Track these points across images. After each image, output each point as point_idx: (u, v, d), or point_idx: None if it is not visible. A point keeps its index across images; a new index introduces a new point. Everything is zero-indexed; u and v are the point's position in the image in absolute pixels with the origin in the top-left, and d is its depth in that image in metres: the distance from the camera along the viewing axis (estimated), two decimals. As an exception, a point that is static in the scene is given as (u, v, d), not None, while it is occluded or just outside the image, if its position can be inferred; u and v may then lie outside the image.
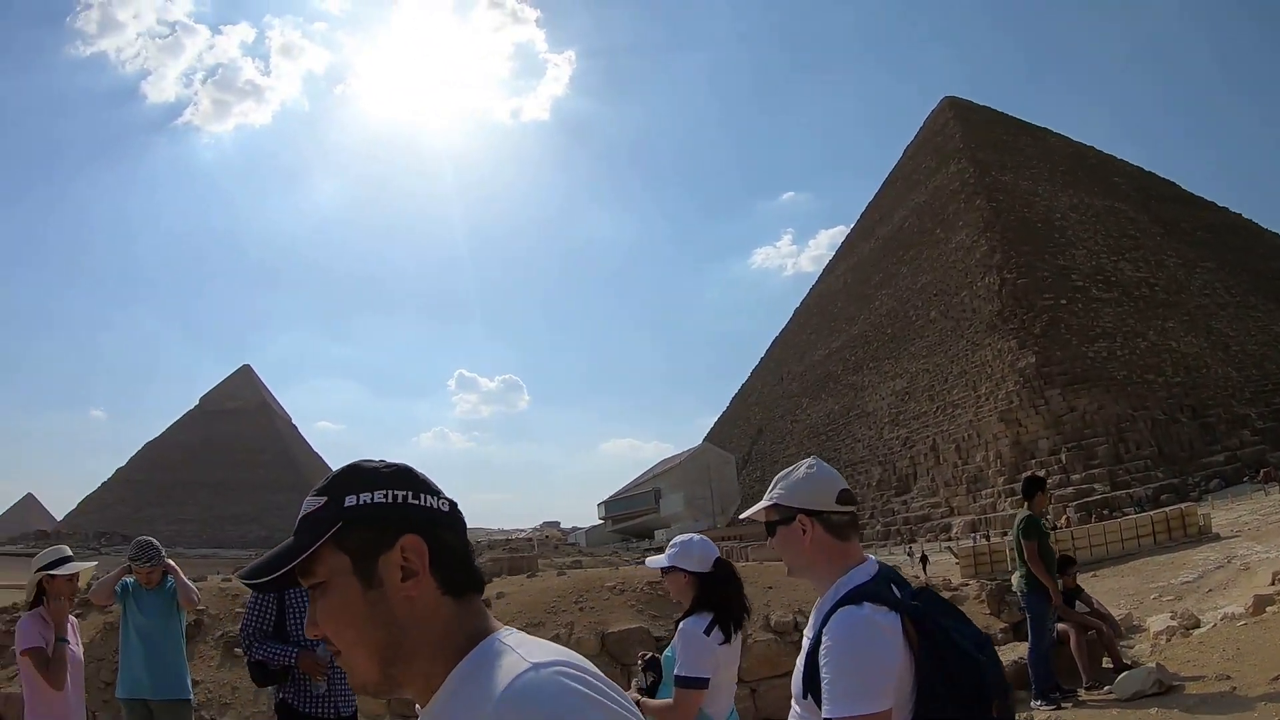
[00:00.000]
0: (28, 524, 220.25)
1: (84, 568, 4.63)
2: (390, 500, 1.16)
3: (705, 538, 3.86)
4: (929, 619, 2.01)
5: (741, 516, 2.93)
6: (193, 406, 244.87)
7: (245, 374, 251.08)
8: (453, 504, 1.24)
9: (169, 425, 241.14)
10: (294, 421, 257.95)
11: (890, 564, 2.50)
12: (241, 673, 11.76)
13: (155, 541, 5.90)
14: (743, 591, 3.67)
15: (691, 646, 3.42)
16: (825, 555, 2.25)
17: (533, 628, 11.74)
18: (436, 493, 1.22)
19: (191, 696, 5.94)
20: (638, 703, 3.28)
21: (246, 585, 1.22)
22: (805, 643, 2.19)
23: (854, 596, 2.07)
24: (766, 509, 2.37)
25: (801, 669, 2.15)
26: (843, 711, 1.93)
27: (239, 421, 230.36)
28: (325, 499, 1.18)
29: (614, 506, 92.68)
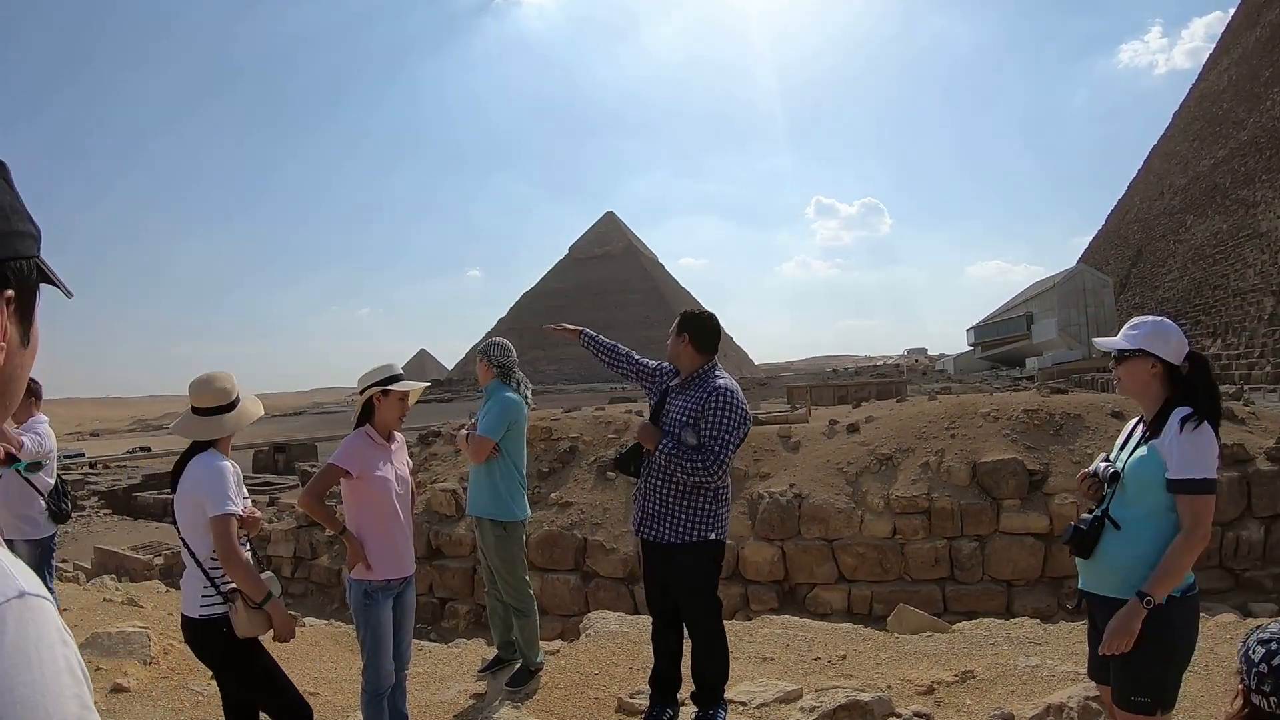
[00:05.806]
0: (424, 375, 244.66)
1: (415, 387, 4.12)
2: None
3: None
4: None
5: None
6: (563, 256, 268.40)
7: (610, 220, 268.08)
8: None
9: (543, 275, 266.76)
10: (660, 260, 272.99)
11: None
12: (613, 495, 13.11)
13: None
14: (1219, 394, 3.03)
15: (1200, 441, 2.84)
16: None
17: (903, 453, 12.24)
18: None
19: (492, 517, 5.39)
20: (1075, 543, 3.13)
21: None
22: None
23: None
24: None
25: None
26: None
27: (608, 265, 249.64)
28: None
29: (984, 332, 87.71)
